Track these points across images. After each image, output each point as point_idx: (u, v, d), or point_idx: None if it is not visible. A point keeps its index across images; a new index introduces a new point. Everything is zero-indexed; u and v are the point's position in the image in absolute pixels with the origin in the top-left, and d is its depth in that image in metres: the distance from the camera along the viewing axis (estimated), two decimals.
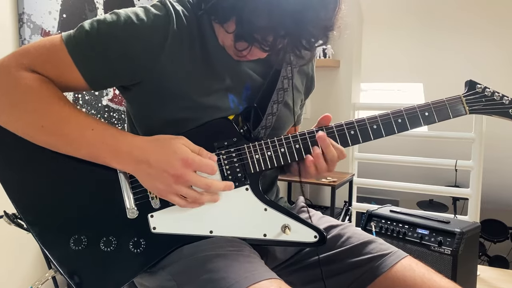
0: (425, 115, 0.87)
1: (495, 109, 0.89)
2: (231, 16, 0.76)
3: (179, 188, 0.76)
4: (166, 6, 0.81)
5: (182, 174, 0.75)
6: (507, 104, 0.89)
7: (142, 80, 0.82)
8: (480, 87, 0.90)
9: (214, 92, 0.85)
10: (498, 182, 3.78)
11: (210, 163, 0.78)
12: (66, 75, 0.78)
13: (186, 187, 0.77)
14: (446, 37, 3.73)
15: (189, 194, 0.77)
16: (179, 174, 0.75)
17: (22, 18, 1.76)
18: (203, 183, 0.77)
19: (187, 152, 0.76)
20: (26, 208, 0.80)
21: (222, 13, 0.77)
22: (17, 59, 0.77)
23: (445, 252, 1.70)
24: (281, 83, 0.90)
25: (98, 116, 2.13)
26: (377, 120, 0.87)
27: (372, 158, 2.94)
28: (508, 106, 0.89)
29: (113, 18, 0.78)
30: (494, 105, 0.89)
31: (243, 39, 0.77)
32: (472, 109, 0.88)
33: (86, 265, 0.79)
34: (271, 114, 0.89)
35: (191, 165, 0.76)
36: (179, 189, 0.76)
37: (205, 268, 0.75)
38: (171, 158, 0.75)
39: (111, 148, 0.76)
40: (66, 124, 0.76)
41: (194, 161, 0.76)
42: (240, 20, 0.75)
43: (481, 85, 0.90)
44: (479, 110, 0.89)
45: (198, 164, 0.77)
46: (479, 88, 0.89)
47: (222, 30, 0.80)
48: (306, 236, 0.83)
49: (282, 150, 0.85)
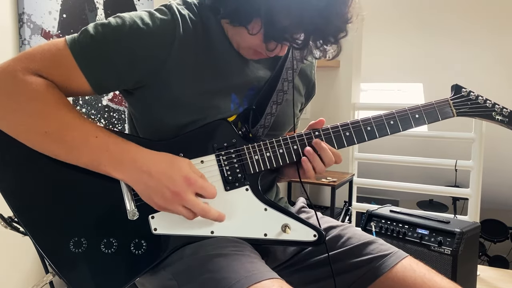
0: (415, 117, 0.90)
1: (480, 112, 0.93)
2: (254, 17, 0.76)
3: (175, 206, 0.75)
4: (171, 10, 0.81)
5: (181, 193, 0.74)
6: (490, 108, 0.93)
7: (146, 84, 0.82)
8: (465, 91, 0.93)
9: (218, 92, 0.85)
10: (498, 182, 3.78)
11: (212, 187, 0.77)
12: (70, 79, 0.78)
13: (182, 207, 0.75)
14: (446, 37, 3.73)
15: (183, 214, 0.76)
16: (179, 192, 0.74)
17: (22, 18, 1.76)
18: (200, 208, 0.76)
19: (191, 172, 0.76)
20: (24, 211, 0.78)
21: (245, 16, 0.77)
22: (23, 62, 0.76)
23: (445, 252, 1.70)
24: (281, 84, 0.91)
25: (98, 116, 2.13)
26: (370, 122, 0.89)
27: (372, 158, 2.94)
28: (491, 109, 0.93)
29: (118, 22, 0.78)
30: (478, 108, 0.93)
31: (272, 39, 0.78)
32: (459, 111, 0.92)
33: (87, 268, 0.78)
34: (270, 114, 0.90)
35: (193, 184, 0.75)
36: (175, 207, 0.75)
37: (206, 267, 0.75)
38: (174, 174, 0.75)
39: (115, 156, 0.75)
40: (70, 130, 0.75)
41: (196, 181, 0.75)
42: (268, 22, 0.75)
43: (466, 89, 0.94)
44: (465, 113, 0.93)
45: (200, 185, 0.76)
46: (464, 92, 0.93)
47: (240, 31, 0.79)
48: (306, 235, 0.84)
49: (280, 151, 0.86)
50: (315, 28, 0.76)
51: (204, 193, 0.77)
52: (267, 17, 0.75)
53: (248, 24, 0.77)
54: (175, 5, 0.82)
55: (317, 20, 0.74)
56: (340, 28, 0.77)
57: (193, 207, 0.75)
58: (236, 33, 0.82)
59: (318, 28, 0.76)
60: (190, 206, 0.75)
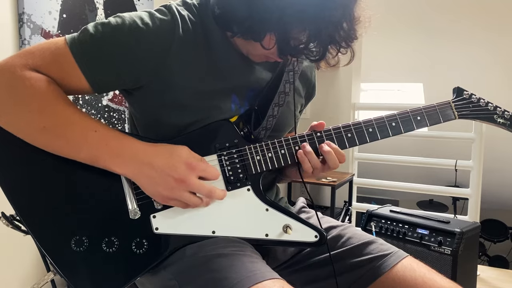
0: (417, 119, 0.90)
1: (481, 115, 0.93)
2: (268, 33, 0.75)
3: (180, 193, 0.76)
4: (171, 10, 0.81)
5: (185, 178, 0.75)
6: (491, 110, 0.93)
7: (145, 85, 0.82)
8: (466, 94, 0.93)
9: (218, 93, 0.85)
10: (498, 182, 3.78)
11: (214, 169, 0.79)
12: (70, 78, 0.78)
13: (188, 193, 0.76)
14: (446, 37, 3.73)
15: (191, 200, 0.77)
16: (183, 178, 0.75)
17: (22, 18, 1.76)
18: (206, 189, 0.77)
19: (191, 157, 0.77)
20: (25, 209, 0.79)
21: (258, 33, 0.76)
22: (22, 59, 0.76)
23: (445, 252, 1.70)
24: (283, 86, 0.91)
25: (98, 116, 2.13)
26: (372, 123, 0.89)
27: (372, 158, 2.94)
28: (493, 112, 0.93)
29: (118, 22, 0.78)
30: (480, 111, 0.93)
31: (288, 54, 0.78)
32: (460, 114, 0.92)
33: (88, 266, 0.78)
34: (271, 116, 0.90)
35: (195, 168, 0.76)
36: (181, 194, 0.76)
37: (207, 268, 0.75)
38: (175, 161, 0.75)
39: (114, 150, 0.76)
40: (69, 125, 0.76)
41: (198, 165, 0.76)
42: (282, 38, 0.75)
43: (467, 92, 0.93)
44: (467, 115, 0.93)
45: (202, 168, 0.77)
46: (466, 94, 0.93)
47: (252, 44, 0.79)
48: (307, 235, 0.84)
49: (282, 152, 0.86)
50: (331, 39, 0.75)
51: (207, 175, 0.78)
52: (280, 33, 0.74)
53: (262, 40, 0.77)
54: (174, 6, 0.82)
55: (333, 33, 0.74)
56: (354, 35, 0.77)
57: (199, 189, 0.76)
58: (247, 44, 0.82)
59: (334, 39, 0.76)
60: (196, 189, 0.76)
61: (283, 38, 0.75)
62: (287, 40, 0.75)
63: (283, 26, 0.73)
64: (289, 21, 0.73)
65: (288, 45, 0.75)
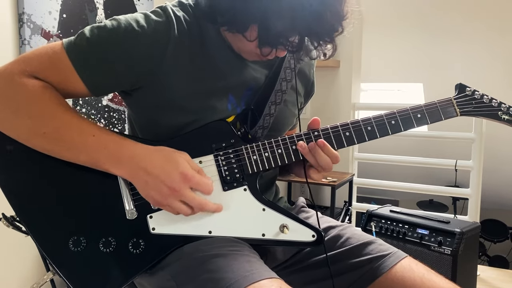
0: (417, 116, 0.88)
1: (485, 112, 0.90)
2: (250, 24, 0.76)
3: (172, 201, 0.76)
4: (166, 12, 0.81)
5: (178, 188, 0.75)
6: (495, 107, 0.90)
7: (142, 86, 0.82)
8: (469, 90, 0.91)
9: (215, 92, 0.85)
10: (498, 182, 3.78)
11: (208, 183, 0.79)
12: (67, 82, 0.79)
13: (179, 202, 0.77)
14: (446, 37, 3.73)
15: (181, 209, 0.77)
16: (176, 188, 0.75)
17: (22, 18, 1.76)
18: (197, 202, 0.77)
19: (188, 168, 0.77)
20: (24, 210, 0.79)
21: (241, 23, 0.77)
22: (20, 65, 0.77)
23: (445, 252, 1.70)
24: (279, 85, 0.91)
25: (98, 116, 2.13)
26: (371, 121, 0.88)
27: (372, 158, 2.94)
28: (497, 108, 0.90)
29: (114, 25, 0.78)
30: (483, 107, 0.90)
31: (268, 45, 0.78)
32: (463, 111, 0.90)
33: (85, 266, 0.79)
34: (268, 114, 0.90)
35: (189, 180, 0.76)
36: (172, 202, 0.76)
37: (205, 268, 0.75)
38: (171, 170, 0.75)
39: (113, 153, 0.76)
40: (67, 130, 0.76)
41: (193, 177, 0.76)
42: (263, 28, 0.75)
43: (470, 88, 0.91)
44: (469, 112, 0.90)
45: (196, 181, 0.77)
46: (469, 91, 0.91)
47: (240, 37, 0.79)
48: (304, 235, 0.83)
49: (279, 151, 0.86)
50: (309, 30, 0.76)
51: (200, 189, 0.78)
52: (262, 23, 0.75)
53: (245, 32, 0.77)
54: (170, 7, 0.83)
55: (311, 22, 0.74)
56: (335, 27, 0.77)
57: (191, 201, 0.77)
58: (236, 39, 0.83)
59: (312, 30, 0.76)
60: (188, 200, 0.77)
61: (263, 28, 0.75)
62: (267, 29, 0.75)
63: (264, 14, 0.74)
64: (268, 10, 0.73)
65: (268, 35, 0.75)
